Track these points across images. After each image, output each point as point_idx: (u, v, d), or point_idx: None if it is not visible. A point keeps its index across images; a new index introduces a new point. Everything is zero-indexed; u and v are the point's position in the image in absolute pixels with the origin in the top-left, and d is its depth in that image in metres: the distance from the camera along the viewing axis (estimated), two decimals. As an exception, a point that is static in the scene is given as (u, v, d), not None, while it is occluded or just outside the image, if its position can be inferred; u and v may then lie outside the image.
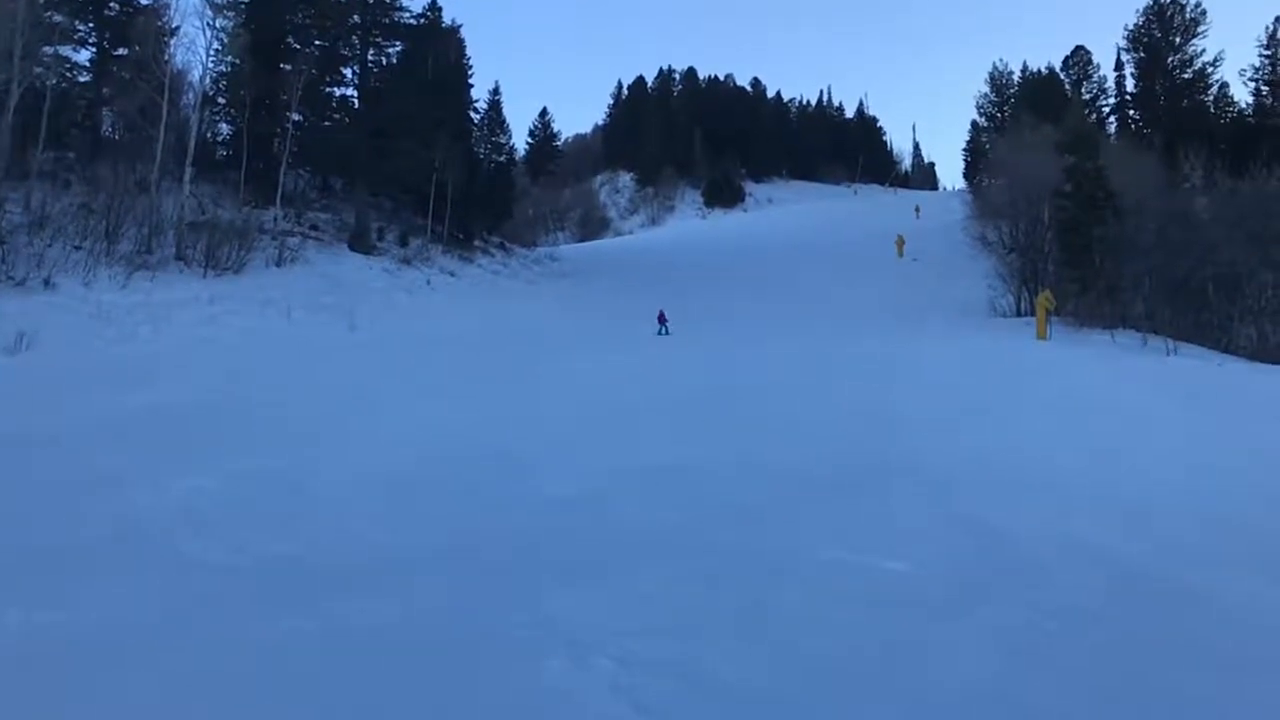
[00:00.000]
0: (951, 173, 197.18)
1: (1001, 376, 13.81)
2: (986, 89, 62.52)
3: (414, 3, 41.48)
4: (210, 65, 28.66)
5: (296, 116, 31.53)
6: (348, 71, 35.97)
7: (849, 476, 7.26)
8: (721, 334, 22.05)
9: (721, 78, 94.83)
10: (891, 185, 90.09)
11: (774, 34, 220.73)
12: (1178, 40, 51.85)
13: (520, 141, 77.82)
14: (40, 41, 22.27)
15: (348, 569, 4.93)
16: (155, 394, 10.99)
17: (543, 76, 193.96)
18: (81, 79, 28.51)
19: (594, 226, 76.42)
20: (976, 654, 3.85)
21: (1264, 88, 48.84)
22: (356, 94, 36.11)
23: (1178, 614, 4.38)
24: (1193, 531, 5.81)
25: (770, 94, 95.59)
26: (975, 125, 63.44)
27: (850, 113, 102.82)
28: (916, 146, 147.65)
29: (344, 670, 3.64)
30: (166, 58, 25.77)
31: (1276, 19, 48.66)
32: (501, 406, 11.22)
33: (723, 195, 78.94)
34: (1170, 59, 51.74)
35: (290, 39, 33.48)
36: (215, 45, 28.08)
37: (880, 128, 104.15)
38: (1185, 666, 3.75)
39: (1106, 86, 56.80)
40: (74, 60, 28.05)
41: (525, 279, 37.01)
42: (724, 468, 7.55)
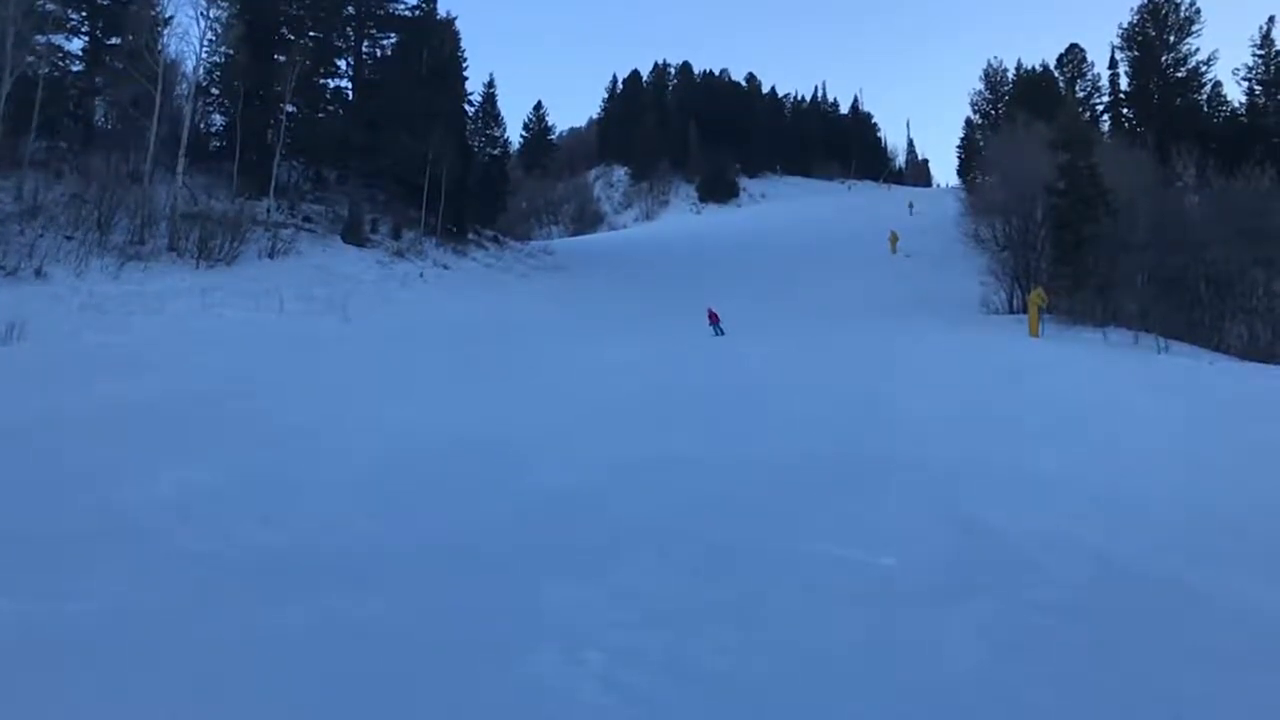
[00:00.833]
0: (945, 169, 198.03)
1: (993, 373, 13.86)
2: (981, 86, 62.69)
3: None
4: (204, 55, 28.48)
5: (290, 108, 31.37)
6: (342, 63, 35.75)
7: (842, 471, 7.29)
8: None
9: (717, 72, 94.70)
10: (885, 182, 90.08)
11: (770, 29, 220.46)
12: (1172, 39, 51.99)
13: (515, 135, 77.76)
14: (33, 30, 22.10)
15: (339, 560, 4.94)
16: (146, 385, 10.95)
17: (537, 69, 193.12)
18: (74, 68, 28.26)
19: (588, 221, 76.23)
20: (966, 648, 3.87)
21: (1257, 87, 49.01)
22: (350, 85, 35.94)
23: (1170, 611, 4.40)
24: (1185, 528, 5.85)
25: (765, 89, 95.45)
26: (969, 122, 63.57)
27: (845, 109, 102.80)
28: (911, 143, 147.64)
29: (335, 662, 3.65)
30: (160, 48, 25.69)
31: (1270, 19, 48.87)
32: (494, 398, 11.21)
33: (717, 190, 78.83)
34: (1164, 58, 51.86)
35: (284, 29, 33.25)
36: (209, 35, 27.86)
37: (875, 124, 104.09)
38: (1178, 663, 3.76)
39: (1100, 85, 56.99)
40: (66, 49, 27.82)
41: (518, 272, 36.94)
42: (717, 461, 7.58)
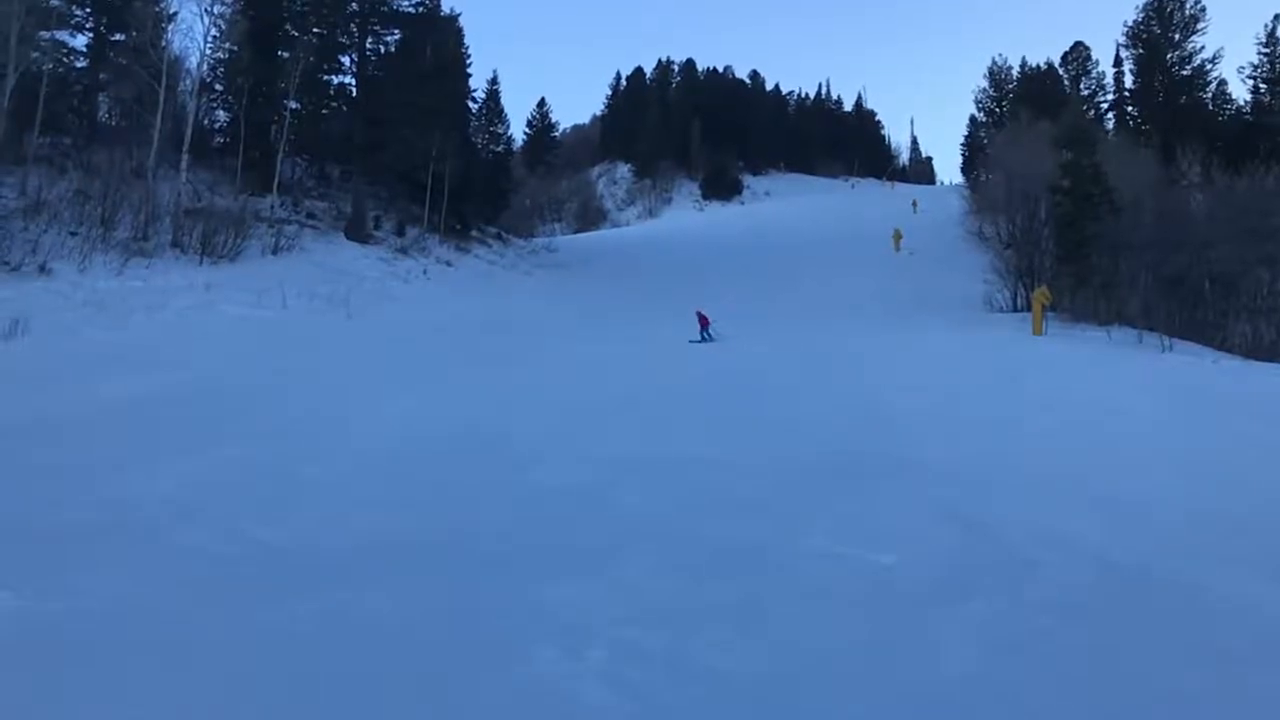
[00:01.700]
0: (949, 167, 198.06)
1: (997, 372, 13.83)
2: (985, 84, 62.75)
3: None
4: (208, 52, 28.59)
5: (294, 104, 31.40)
6: (345, 60, 35.85)
7: (844, 469, 7.28)
8: (717, 324, 22.02)
9: (720, 70, 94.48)
10: (889, 179, 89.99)
11: (773, 26, 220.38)
12: (1177, 37, 51.83)
13: (518, 132, 77.60)
14: (37, 26, 22.13)
15: (340, 557, 4.95)
16: (149, 381, 10.98)
17: (541, 67, 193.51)
18: (78, 64, 28.30)
19: (591, 217, 76.18)
20: (967, 647, 3.87)
21: (1262, 85, 48.80)
22: (354, 82, 35.98)
23: (1170, 610, 4.39)
24: (1186, 528, 5.82)
25: (769, 87, 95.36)
26: (973, 120, 63.55)
27: (849, 106, 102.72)
28: (914, 141, 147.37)
29: (336, 658, 3.66)
30: (164, 44, 25.69)
31: (1275, 17, 48.65)
32: (497, 395, 11.22)
33: (720, 188, 78.80)
34: (1169, 56, 51.71)
35: (288, 26, 33.26)
36: (213, 32, 27.97)
37: (878, 122, 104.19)
38: (1178, 663, 3.75)
39: (1105, 83, 56.87)
40: (71, 45, 27.87)
41: (522, 269, 36.94)
42: (717, 460, 7.57)
